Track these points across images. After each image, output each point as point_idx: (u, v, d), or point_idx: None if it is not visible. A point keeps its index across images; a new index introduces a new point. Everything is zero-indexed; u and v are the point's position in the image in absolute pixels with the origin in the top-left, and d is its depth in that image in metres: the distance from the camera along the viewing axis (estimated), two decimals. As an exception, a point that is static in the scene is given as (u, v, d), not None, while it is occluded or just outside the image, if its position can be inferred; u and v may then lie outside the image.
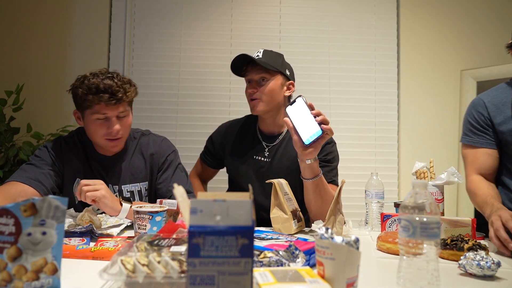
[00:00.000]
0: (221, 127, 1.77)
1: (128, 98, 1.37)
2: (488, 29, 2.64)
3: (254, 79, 1.56)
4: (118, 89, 1.33)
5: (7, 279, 0.63)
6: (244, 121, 1.73)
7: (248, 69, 1.59)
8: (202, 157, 1.79)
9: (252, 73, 1.57)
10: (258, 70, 1.55)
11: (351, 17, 2.63)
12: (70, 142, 1.49)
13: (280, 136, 1.63)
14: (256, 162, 1.61)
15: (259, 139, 1.64)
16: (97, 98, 1.31)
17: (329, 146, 1.57)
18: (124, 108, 1.38)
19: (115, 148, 1.44)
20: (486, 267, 0.83)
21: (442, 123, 2.61)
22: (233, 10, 2.61)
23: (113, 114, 1.35)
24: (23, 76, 2.46)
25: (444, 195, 1.36)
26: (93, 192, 1.20)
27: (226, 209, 0.56)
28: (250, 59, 1.54)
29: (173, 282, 0.64)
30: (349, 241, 0.67)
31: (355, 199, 2.35)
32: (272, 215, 1.26)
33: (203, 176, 1.83)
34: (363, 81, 2.61)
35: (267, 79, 1.55)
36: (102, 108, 1.33)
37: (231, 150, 1.67)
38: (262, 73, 1.54)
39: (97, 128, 1.37)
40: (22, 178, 1.32)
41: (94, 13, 2.55)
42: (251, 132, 1.67)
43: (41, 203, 0.64)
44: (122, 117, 1.39)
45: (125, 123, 1.40)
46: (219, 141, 1.71)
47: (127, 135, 1.45)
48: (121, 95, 1.33)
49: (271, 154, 1.61)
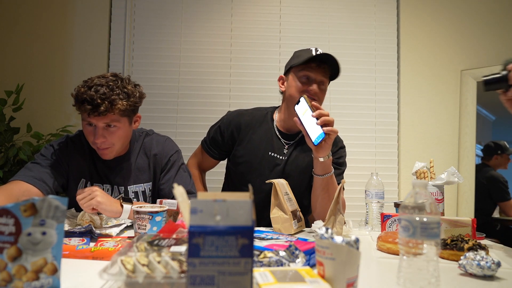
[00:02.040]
0: (231, 115, 1.67)
1: (114, 110, 1.29)
2: (488, 30, 2.65)
3: (318, 80, 1.51)
4: (101, 102, 1.26)
5: (7, 279, 0.63)
6: (265, 115, 1.65)
7: (313, 67, 1.50)
8: (205, 147, 1.70)
9: (320, 74, 1.51)
10: (326, 73, 1.52)
11: (351, 17, 2.64)
12: (76, 141, 1.47)
13: (299, 134, 1.59)
14: (272, 159, 1.56)
15: (278, 136, 1.60)
16: (82, 108, 1.29)
17: (342, 150, 1.59)
18: (111, 119, 1.31)
19: (105, 156, 1.40)
20: (486, 267, 0.83)
21: (442, 123, 2.61)
22: (233, 10, 2.61)
23: (98, 123, 1.31)
24: (23, 76, 2.46)
25: (444, 195, 1.36)
26: (89, 202, 1.18)
27: (226, 209, 0.56)
28: (335, 61, 1.49)
29: (173, 282, 0.64)
30: (349, 241, 0.67)
31: (355, 199, 2.36)
32: (272, 215, 1.26)
33: (203, 166, 1.76)
34: (363, 81, 2.61)
35: (324, 82, 1.53)
36: (86, 117, 1.31)
37: (245, 142, 1.60)
38: (327, 76, 1.53)
39: (88, 134, 1.35)
40: (26, 177, 1.31)
41: (94, 13, 2.55)
42: (270, 127, 1.61)
43: (41, 203, 0.64)
44: (112, 127, 1.34)
45: (113, 133, 1.34)
46: (230, 130, 1.62)
47: (119, 145, 1.39)
48: (103, 108, 1.26)
49: (288, 152, 1.57)
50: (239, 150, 1.61)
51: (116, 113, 1.30)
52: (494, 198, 2.72)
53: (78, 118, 2.51)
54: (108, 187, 1.47)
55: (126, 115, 1.36)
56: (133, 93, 1.35)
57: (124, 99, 1.31)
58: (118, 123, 1.33)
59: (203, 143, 1.72)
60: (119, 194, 1.47)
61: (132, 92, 1.35)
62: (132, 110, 1.39)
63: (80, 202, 1.19)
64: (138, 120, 1.48)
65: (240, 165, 1.61)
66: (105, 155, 1.39)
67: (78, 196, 1.20)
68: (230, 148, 1.64)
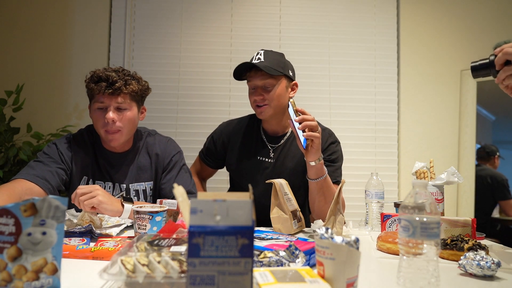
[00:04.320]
0: (222, 125, 1.74)
1: (128, 90, 1.39)
2: (488, 29, 2.65)
3: (259, 85, 1.50)
4: (117, 80, 1.37)
5: (7, 279, 0.63)
6: (248, 121, 1.69)
7: (251, 75, 1.51)
8: (202, 157, 1.76)
9: (256, 79, 1.49)
10: (262, 76, 1.47)
11: (351, 17, 2.63)
12: (79, 139, 1.49)
13: (284, 136, 1.61)
14: (260, 163, 1.60)
15: (263, 140, 1.62)
16: (96, 87, 1.37)
17: (333, 146, 1.56)
18: (124, 100, 1.40)
19: (113, 142, 1.42)
20: (486, 267, 0.83)
21: (442, 123, 2.61)
22: (233, 10, 2.61)
23: (110, 103, 1.38)
24: (23, 76, 2.46)
25: (444, 195, 1.36)
26: (90, 200, 1.18)
27: (226, 209, 0.56)
28: (253, 66, 1.47)
29: (173, 282, 0.64)
30: (349, 241, 0.67)
31: (355, 199, 2.36)
32: (272, 215, 1.26)
33: (202, 175, 1.81)
34: (363, 81, 2.61)
35: (272, 84, 1.48)
36: (100, 96, 1.38)
37: (235, 150, 1.65)
38: (267, 78, 1.47)
39: (98, 118, 1.40)
40: (29, 176, 1.31)
41: (94, 13, 2.55)
42: (255, 132, 1.65)
43: (41, 203, 0.64)
44: (122, 110, 1.41)
45: (124, 116, 1.41)
46: (221, 140, 1.68)
47: (127, 129, 1.43)
48: (119, 85, 1.36)
49: (275, 155, 1.59)
50: (230, 157, 1.67)
51: (129, 92, 1.40)
52: (495, 197, 2.72)
53: (78, 118, 2.51)
54: (109, 185, 1.48)
55: (135, 100, 1.46)
56: (142, 81, 1.48)
57: (136, 83, 1.44)
58: (128, 106, 1.42)
59: (200, 153, 1.78)
60: (120, 192, 1.48)
61: (141, 80, 1.48)
62: (141, 97, 1.49)
63: (80, 198, 1.18)
64: (144, 112, 1.56)
65: (233, 172, 1.69)
66: (113, 140, 1.42)
67: (79, 191, 1.19)
68: (224, 156, 1.70)
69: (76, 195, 1.19)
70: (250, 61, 1.50)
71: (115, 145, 1.45)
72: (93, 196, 1.19)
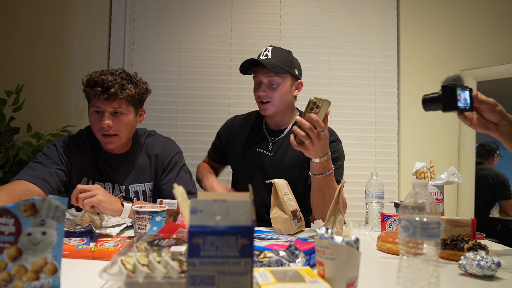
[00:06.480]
0: (229, 120, 1.77)
1: (123, 95, 1.36)
2: (488, 29, 2.65)
3: (264, 82, 1.52)
4: (113, 85, 1.34)
5: (7, 279, 0.63)
6: (256, 116, 1.71)
7: (257, 70, 1.53)
8: (209, 153, 1.80)
9: (262, 75, 1.51)
10: (268, 72, 1.50)
11: (351, 17, 2.64)
12: (78, 140, 1.49)
13: (285, 130, 1.62)
14: (259, 155, 1.61)
15: (264, 133, 1.64)
16: (92, 92, 1.35)
17: (334, 144, 1.55)
18: (120, 104, 1.37)
19: (110, 145, 1.43)
20: (486, 267, 0.83)
21: (442, 123, 2.61)
22: (233, 10, 2.61)
23: (106, 108, 1.37)
24: (23, 76, 2.46)
25: (444, 195, 1.36)
26: (90, 199, 1.18)
27: (226, 209, 0.56)
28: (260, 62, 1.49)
29: (173, 282, 0.64)
30: (349, 241, 0.67)
31: (355, 199, 2.36)
32: (272, 215, 1.26)
33: None
34: (363, 81, 2.61)
35: (277, 82, 1.51)
36: (96, 101, 1.37)
37: (236, 141, 1.67)
38: (273, 76, 1.50)
39: (94, 122, 1.40)
40: (29, 177, 1.31)
41: (94, 13, 2.55)
42: (258, 126, 1.67)
43: (41, 203, 0.64)
44: (119, 114, 1.39)
45: (120, 120, 1.39)
46: (225, 134, 1.72)
47: (124, 134, 1.43)
48: (114, 90, 1.33)
49: (274, 148, 1.60)
50: (231, 149, 1.68)
51: (124, 97, 1.37)
52: (496, 196, 2.72)
53: (78, 118, 2.51)
54: (109, 186, 1.48)
55: (133, 104, 1.43)
56: (140, 84, 1.44)
57: (133, 86, 1.40)
58: (125, 110, 1.40)
59: (209, 149, 1.81)
60: (120, 193, 1.48)
61: (140, 83, 1.45)
62: (139, 101, 1.46)
63: (80, 196, 1.18)
64: (143, 115, 1.54)
65: (232, 163, 1.70)
66: (110, 144, 1.41)
67: (79, 191, 1.19)
68: (227, 149, 1.72)
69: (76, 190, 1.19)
70: (257, 57, 1.53)
71: (112, 148, 1.45)
72: (93, 195, 1.19)
